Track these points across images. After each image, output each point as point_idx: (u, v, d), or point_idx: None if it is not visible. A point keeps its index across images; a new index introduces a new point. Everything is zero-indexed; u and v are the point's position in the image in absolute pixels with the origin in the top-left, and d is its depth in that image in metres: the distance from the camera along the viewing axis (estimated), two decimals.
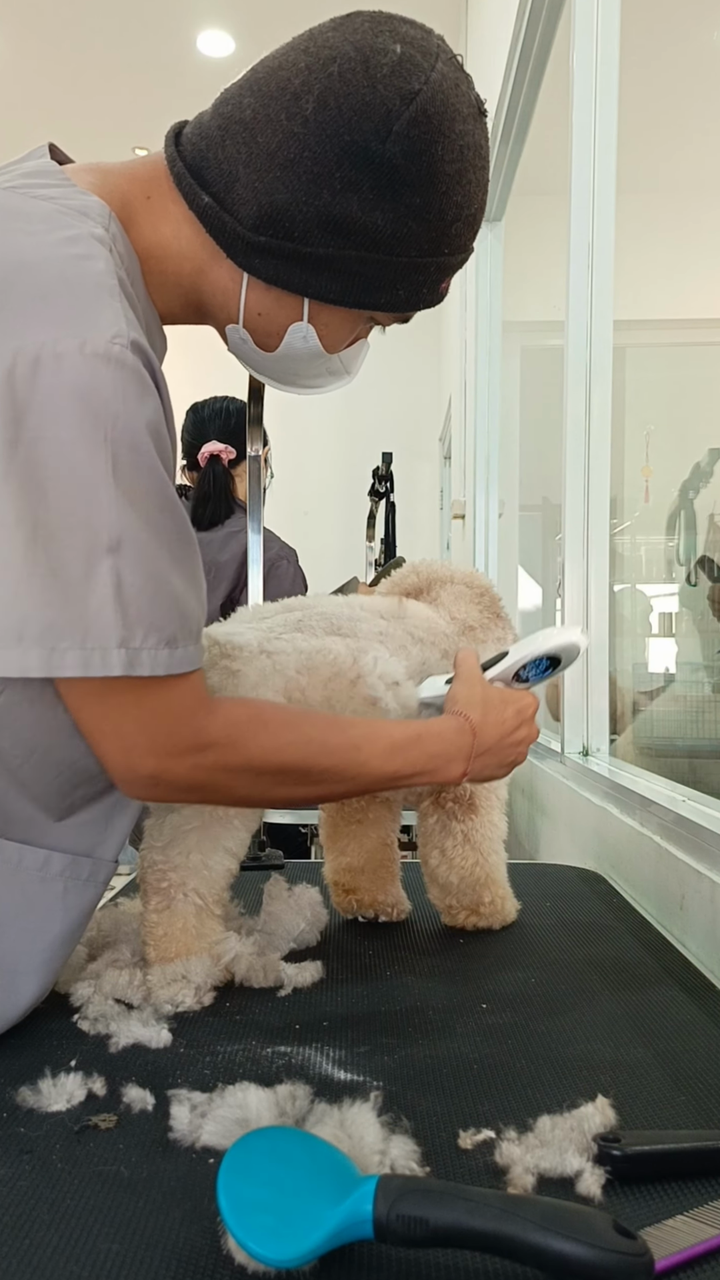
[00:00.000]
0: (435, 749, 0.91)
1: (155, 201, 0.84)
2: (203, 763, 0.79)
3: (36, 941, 0.83)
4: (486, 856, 1.12)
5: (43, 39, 4.26)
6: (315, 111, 0.77)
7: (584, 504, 1.88)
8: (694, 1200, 0.59)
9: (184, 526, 0.77)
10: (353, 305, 0.85)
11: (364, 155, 0.77)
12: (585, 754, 1.89)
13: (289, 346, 0.87)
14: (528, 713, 1.00)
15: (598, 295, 1.87)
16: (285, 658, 0.99)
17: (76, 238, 0.75)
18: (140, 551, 0.72)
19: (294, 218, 0.79)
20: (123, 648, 0.72)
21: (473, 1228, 0.50)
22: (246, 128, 0.79)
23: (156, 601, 0.73)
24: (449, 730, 0.93)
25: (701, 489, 3.43)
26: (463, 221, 0.83)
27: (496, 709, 0.97)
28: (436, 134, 0.78)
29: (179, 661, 0.75)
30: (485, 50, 3.21)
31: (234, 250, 0.82)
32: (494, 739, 0.96)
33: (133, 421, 0.71)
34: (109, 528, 0.70)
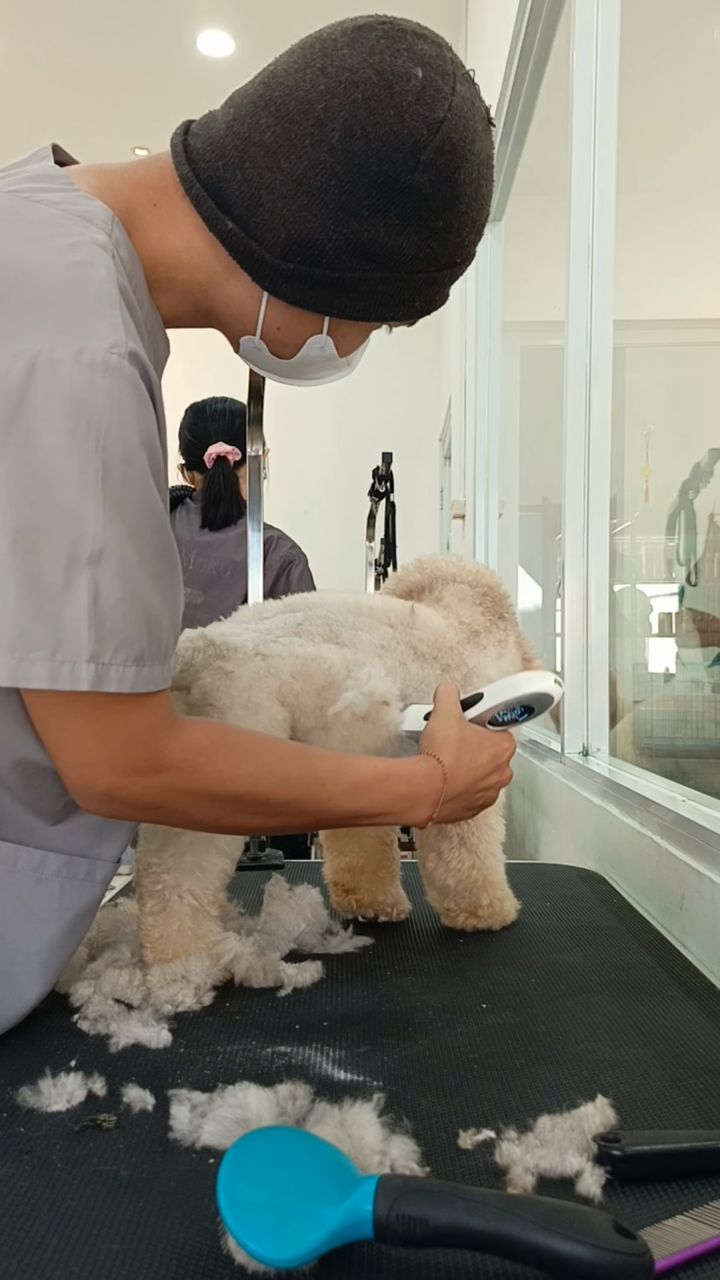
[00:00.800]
0: (403, 791, 0.91)
1: (163, 209, 0.83)
2: (157, 784, 0.78)
3: (34, 942, 0.83)
4: (484, 859, 1.12)
5: (43, 39, 4.26)
6: (342, 140, 0.77)
7: (584, 504, 1.88)
8: (694, 1200, 0.59)
9: (167, 545, 0.77)
10: (373, 320, 0.87)
11: (392, 185, 0.78)
12: (585, 754, 1.89)
13: (305, 355, 0.88)
14: (503, 758, 0.99)
15: (598, 295, 1.87)
16: (280, 661, 0.99)
17: (78, 244, 0.74)
18: (121, 565, 0.71)
19: (322, 245, 0.80)
20: (92, 662, 0.71)
21: (473, 1228, 0.50)
22: (269, 151, 0.79)
23: (131, 618, 0.72)
24: (419, 774, 0.92)
25: (701, 489, 3.43)
26: (474, 232, 0.85)
27: (471, 753, 0.96)
28: (460, 159, 0.79)
29: (145, 680, 0.74)
30: (485, 50, 3.21)
31: (260, 275, 0.83)
32: (465, 784, 0.95)
33: (126, 433, 0.71)
34: (92, 538, 0.70)
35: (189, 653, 1.01)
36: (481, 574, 1.20)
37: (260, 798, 0.83)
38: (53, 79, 4.55)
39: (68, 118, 4.84)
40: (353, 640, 1.04)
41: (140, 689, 0.74)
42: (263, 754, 0.84)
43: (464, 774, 0.95)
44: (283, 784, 0.84)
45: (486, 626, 1.15)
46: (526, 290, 3.51)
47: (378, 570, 3.21)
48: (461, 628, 1.13)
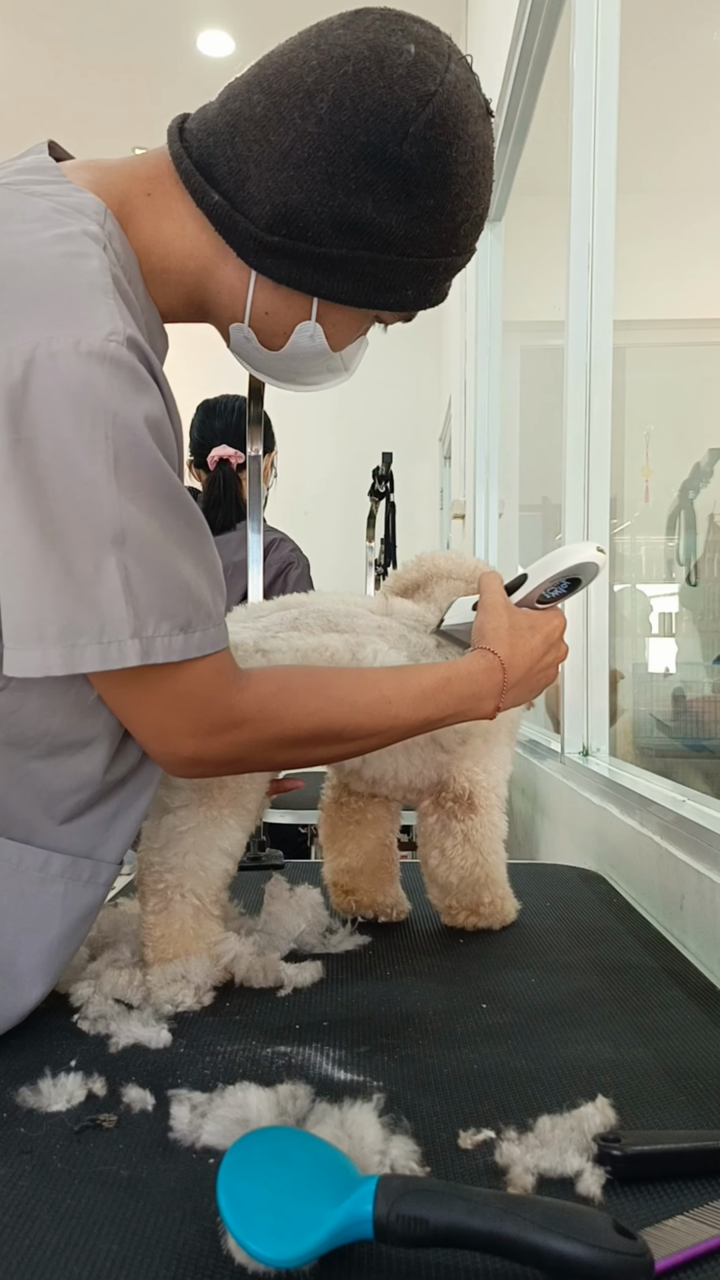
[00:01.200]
0: (465, 690, 0.92)
1: (157, 198, 0.83)
2: (238, 739, 0.81)
3: (36, 942, 0.83)
4: (486, 856, 1.12)
5: (43, 39, 4.25)
6: (330, 111, 0.76)
7: (584, 504, 1.88)
8: (694, 1200, 0.59)
9: (191, 515, 0.77)
10: (362, 305, 0.85)
11: (380, 156, 0.77)
12: (585, 754, 1.89)
13: (295, 345, 0.87)
14: (555, 635, 1.00)
15: (598, 295, 1.87)
16: (281, 656, 0.99)
17: (70, 235, 0.74)
18: (145, 543, 0.72)
19: (308, 218, 0.79)
20: (136, 638, 0.72)
21: (473, 1228, 0.50)
22: (258, 125, 0.79)
23: (166, 590, 0.74)
24: (478, 670, 0.94)
25: (701, 489, 3.44)
26: (471, 222, 0.84)
27: (525, 638, 0.98)
28: (451, 135, 0.78)
29: (196, 645, 0.76)
30: (485, 50, 3.21)
31: (245, 250, 0.82)
32: (523, 670, 0.97)
33: (131, 417, 0.71)
34: (112, 523, 0.71)
35: None
36: (479, 570, 1.20)
37: (336, 729, 0.85)
38: (52, 79, 4.55)
39: (67, 117, 4.84)
40: (351, 626, 1.05)
41: (192, 654, 0.75)
42: (329, 687, 0.86)
43: (521, 660, 0.96)
44: (353, 711, 0.86)
45: None
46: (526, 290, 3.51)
47: (378, 570, 3.21)
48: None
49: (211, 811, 0.97)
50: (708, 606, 3.39)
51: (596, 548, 1.00)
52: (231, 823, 0.98)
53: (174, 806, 0.97)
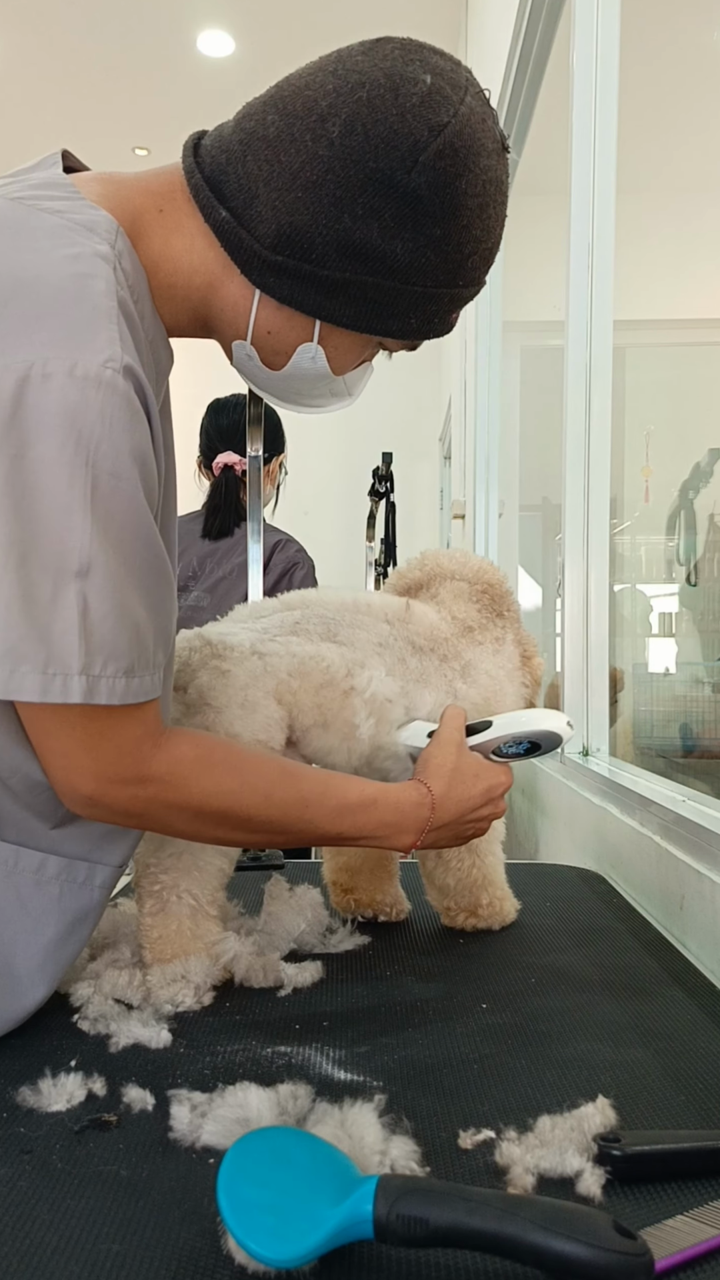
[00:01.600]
0: (388, 818, 0.91)
1: (168, 214, 0.83)
2: (140, 794, 0.79)
3: (32, 944, 0.83)
4: (483, 858, 1.12)
5: (43, 39, 4.25)
6: (342, 136, 0.76)
7: (584, 504, 1.88)
8: (694, 1200, 0.59)
9: (158, 558, 0.76)
10: (364, 330, 0.84)
11: (388, 184, 0.77)
12: (585, 754, 1.89)
13: (296, 366, 0.86)
14: (496, 792, 0.99)
15: (598, 295, 1.87)
16: (278, 660, 0.99)
17: (79, 255, 0.74)
18: (109, 579, 0.71)
19: (313, 240, 0.79)
20: (84, 675, 0.71)
21: (473, 1228, 0.50)
22: (270, 145, 0.79)
23: (120, 630, 0.73)
24: (407, 801, 0.92)
25: (701, 489, 3.44)
26: (479, 255, 0.83)
27: (465, 784, 0.96)
28: (462, 168, 0.78)
29: (135, 692, 0.74)
30: (485, 50, 3.21)
31: (249, 267, 0.82)
32: (454, 814, 0.95)
33: (117, 448, 0.70)
34: (80, 552, 0.70)
35: (185, 653, 1.01)
36: (483, 571, 1.19)
37: (243, 815, 0.83)
38: (53, 79, 4.54)
39: (68, 118, 4.84)
40: (351, 639, 1.04)
41: (130, 700, 0.74)
42: (248, 771, 0.84)
43: (453, 805, 0.95)
44: (265, 803, 0.84)
45: (482, 623, 1.15)
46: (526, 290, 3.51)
47: (378, 570, 3.21)
48: (455, 623, 1.13)
49: None
50: (708, 606, 3.39)
51: (567, 722, 1.01)
52: None
53: None
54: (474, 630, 1.14)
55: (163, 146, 4.75)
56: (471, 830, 0.99)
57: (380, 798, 0.91)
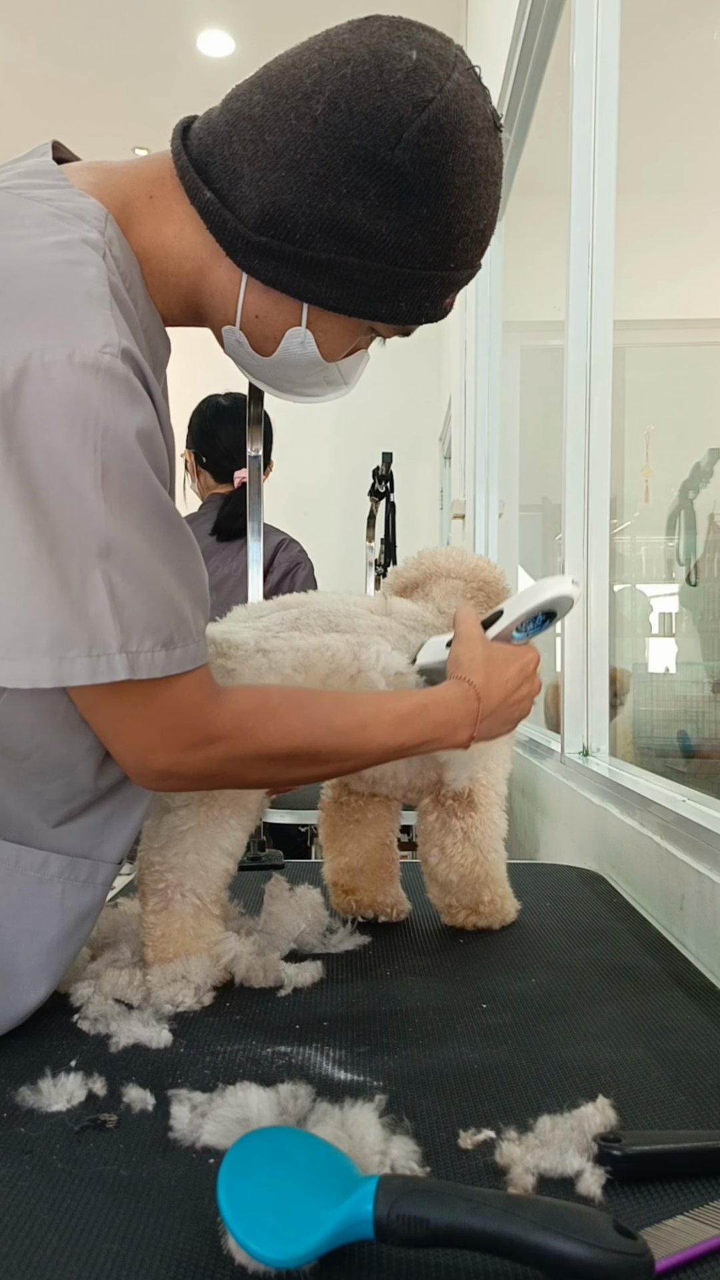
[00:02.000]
0: (441, 717, 0.92)
1: (158, 200, 0.82)
2: (214, 754, 0.81)
3: (34, 943, 0.83)
4: (486, 854, 1.12)
5: (43, 39, 4.26)
6: (325, 113, 0.75)
7: (584, 504, 1.88)
8: (694, 1200, 0.59)
9: (178, 530, 0.77)
10: (352, 313, 0.83)
11: (372, 161, 0.75)
12: (585, 754, 1.89)
13: (285, 351, 0.86)
14: (529, 668, 1.00)
15: (598, 295, 1.87)
16: (282, 655, 0.99)
17: (69, 243, 0.74)
18: (131, 557, 0.72)
19: (296, 220, 0.78)
20: (123, 652, 0.72)
21: (473, 1228, 0.50)
22: (255, 125, 0.78)
23: (151, 605, 0.73)
24: (453, 698, 0.94)
25: (701, 489, 3.44)
26: (470, 237, 0.81)
27: (500, 669, 0.97)
28: (448, 144, 0.76)
29: (178, 661, 0.76)
30: (485, 50, 3.21)
31: (234, 249, 0.81)
32: (498, 700, 0.97)
33: (122, 431, 0.71)
34: (99, 535, 0.70)
35: None
36: (480, 568, 1.19)
37: (312, 750, 0.85)
38: (52, 79, 4.54)
39: (68, 117, 4.84)
40: (351, 626, 1.05)
41: (174, 670, 0.75)
42: (307, 707, 0.86)
43: (496, 690, 0.96)
44: (330, 733, 0.86)
45: None
46: (526, 290, 3.51)
47: (378, 570, 3.21)
48: (443, 617, 1.14)
49: (213, 811, 0.97)
50: (708, 606, 3.39)
51: (571, 580, 1.01)
52: (232, 822, 0.98)
53: (174, 806, 0.97)
54: None
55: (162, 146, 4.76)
56: (517, 712, 1.00)
57: (429, 701, 0.92)
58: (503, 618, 1.02)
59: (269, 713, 0.84)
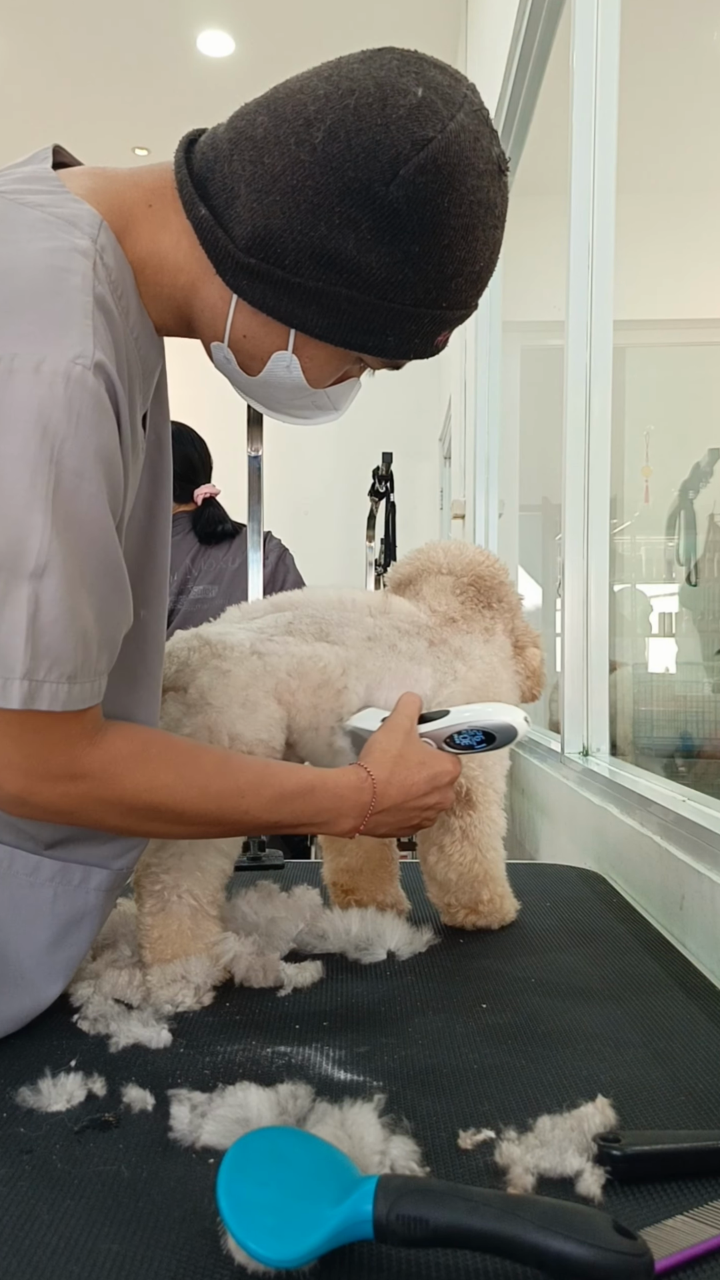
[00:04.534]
0: (326, 804, 0.91)
1: (157, 210, 0.82)
2: (72, 791, 0.77)
3: (25, 947, 0.83)
4: (485, 853, 1.12)
5: (43, 39, 4.25)
6: (324, 142, 0.75)
7: (584, 504, 1.88)
8: (694, 1200, 0.59)
9: (113, 563, 0.75)
10: (338, 343, 0.82)
11: (366, 195, 0.75)
12: (585, 754, 1.89)
13: (271, 373, 0.85)
14: (442, 780, 0.98)
15: (598, 295, 1.87)
16: (277, 660, 1.00)
17: (57, 249, 0.73)
18: (62, 582, 0.70)
19: (287, 245, 0.77)
20: (26, 679, 0.70)
21: (473, 1228, 0.50)
22: (255, 146, 0.78)
23: (67, 635, 0.71)
24: (346, 785, 0.92)
25: (701, 489, 3.43)
26: (464, 278, 0.80)
27: (407, 770, 0.96)
28: (445, 185, 0.75)
29: (77, 698, 0.73)
30: (485, 50, 3.21)
31: (223, 267, 0.80)
32: (395, 800, 0.95)
33: (82, 446, 0.69)
34: (37, 553, 0.69)
35: (185, 653, 1.01)
36: (476, 563, 1.19)
37: (177, 809, 0.82)
38: (52, 79, 4.54)
39: (67, 118, 4.84)
40: (341, 637, 1.05)
41: (72, 707, 0.73)
42: (184, 764, 0.83)
43: (396, 791, 0.95)
44: (201, 796, 0.83)
45: (466, 615, 1.15)
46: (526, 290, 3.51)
47: (378, 570, 3.21)
48: (435, 615, 1.14)
49: None
50: (708, 606, 3.39)
51: (524, 718, 1.01)
52: None
53: None
54: (456, 621, 1.14)
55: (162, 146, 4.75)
56: (418, 819, 0.98)
57: (318, 784, 0.90)
58: (444, 719, 1.01)
59: (142, 761, 0.81)
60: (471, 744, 1.01)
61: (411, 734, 0.99)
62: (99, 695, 0.76)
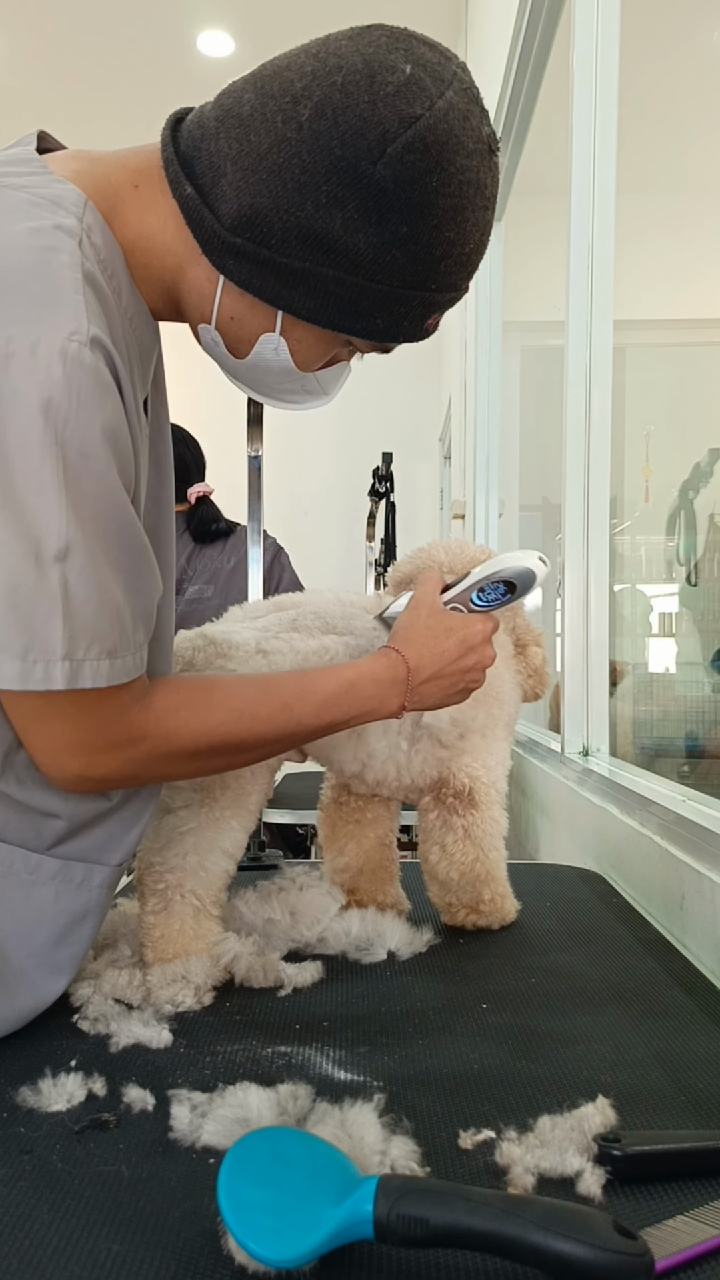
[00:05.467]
0: (369, 692, 0.91)
1: (144, 190, 0.81)
2: (135, 755, 0.79)
3: (27, 945, 0.82)
4: (486, 853, 1.12)
5: (43, 39, 4.25)
6: (311, 120, 0.74)
7: (584, 504, 1.88)
8: (694, 1200, 0.59)
9: (134, 535, 0.75)
10: (326, 325, 0.81)
11: (353, 174, 0.73)
12: (585, 754, 1.89)
13: (259, 356, 0.84)
14: (474, 639, 0.96)
15: (598, 295, 1.87)
16: (281, 658, 0.99)
17: (41, 229, 0.73)
18: (87, 560, 0.70)
19: (273, 224, 0.76)
20: (67, 660, 0.71)
21: (473, 1228, 0.50)
22: (242, 123, 0.76)
23: (101, 613, 0.72)
24: (381, 669, 0.92)
25: (701, 489, 3.44)
26: (453, 259, 0.78)
27: (436, 640, 0.94)
28: (433, 164, 0.74)
29: (119, 672, 0.74)
30: (485, 50, 3.21)
31: (209, 247, 0.79)
32: (433, 669, 0.94)
33: (86, 425, 0.69)
34: (58, 535, 0.69)
35: (190, 652, 1.01)
36: (476, 561, 1.18)
37: (235, 741, 0.84)
38: (52, 79, 4.54)
39: (67, 118, 4.84)
40: (349, 628, 1.04)
41: (115, 681, 0.74)
42: (231, 698, 0.85)
43: (429, 662, 0.93)
44: (255, 722, 0.85)
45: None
46: (526, 290, 3.51)
47: (378, 570, 3.21)
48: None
49: (214, 812, 0.97)
50: (708, 606, 3.39)
51: (539, 557, 0.99)
52: (233, 824, 0.98)
53: (175, 807, 0.97)
54: None
55: None
56: (464, 683, 0.96)
57: (356, 678, 0.91)
58: (461, 584, 1.00)
59: (192, 709, 0.82)
60: (496, 598, 0.99)
61: (434, 607, 0.97)
62: (141, 666, 0.78)
